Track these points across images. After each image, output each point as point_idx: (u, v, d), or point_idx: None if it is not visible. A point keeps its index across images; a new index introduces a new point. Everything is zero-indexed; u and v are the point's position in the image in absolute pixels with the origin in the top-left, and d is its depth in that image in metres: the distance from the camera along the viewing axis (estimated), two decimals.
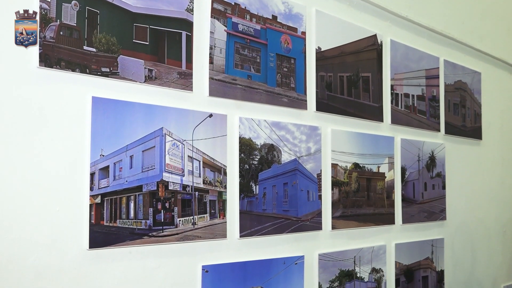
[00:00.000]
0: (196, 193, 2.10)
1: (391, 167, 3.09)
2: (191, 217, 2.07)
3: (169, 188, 2.00)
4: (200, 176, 2.11)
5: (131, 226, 1.89)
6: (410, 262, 3.20)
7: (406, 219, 3.18)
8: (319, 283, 2.58)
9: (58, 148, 1.73)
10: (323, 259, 2.60)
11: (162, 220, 1.98)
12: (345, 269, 2.73)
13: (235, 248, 2.24)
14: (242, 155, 2.27)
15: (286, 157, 2.45)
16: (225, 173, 2.20)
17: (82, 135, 1.79)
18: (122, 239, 1.86)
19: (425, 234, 3.38)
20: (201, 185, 2.12)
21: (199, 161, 2.11)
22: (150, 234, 1.94)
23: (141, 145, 1.92)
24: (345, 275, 2.73)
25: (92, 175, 1.80)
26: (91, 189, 1.79)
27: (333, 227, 2.68)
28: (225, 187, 2.20)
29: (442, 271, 3.51)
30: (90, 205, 1.79)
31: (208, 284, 2.11)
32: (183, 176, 2.05)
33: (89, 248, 1.77)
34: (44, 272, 1.69)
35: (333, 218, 2.68)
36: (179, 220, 2.03)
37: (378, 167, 3.00)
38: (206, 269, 2.11)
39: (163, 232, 1.98)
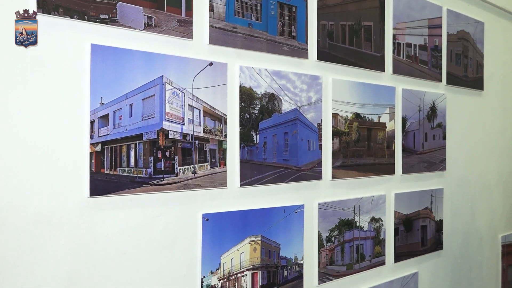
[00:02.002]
0: (197, 142, 2.10)
1: (391, 117, 3.08)
2: (192, 166, 2.07)
3: (169, 137, 2.00)
4: (200, 125, 2.11)
5: (131, 175, 1.90)
6: (409, 212, 3.22)
7: (406, 169, 3.19)
8: (318, 232, 2.60)
9: (58, 96, 1.72)
10: (323, 208, 2.62)
11: (163, 169, 1.98)
12: (345, 218, 2.75)
13: (235, 196, 2.25)
14: (243, 104, 2.25)
15: (286, 106, 2.44)
16: (225, 122, 2.20)
17: (82, 83, 1.78)
18: (122, 187, 1.87)
19: (424, 184, 3.39)
20: (202, 134, 2.11)
21: (200, 110, 2.10)
22: (150, 182, 1.95)
23: (141, 93, 1.91)
24: (344, 224, 2.75)
25: (91, 123, 1.79)
26: (91, 137, 1.79)
27: (333, 177, 2.68)
28: (226, 136, 2.20)
29: (441, 221, 3.53)
30: (90, 153, 1.79)
31: (208, 232, 2.12)
32: (183, 124, 2.05)
33: (90, 196, 1.78)
34: (45, 220, 1.70)
35: (333, 167, 2.68)
36: (180, 169, 2.03)
37: (379, 117, 2.99)
38: (206, 218, 2.12)
39: (163, 180, 1.98)
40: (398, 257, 3.15)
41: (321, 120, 2.63)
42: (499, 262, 4.31)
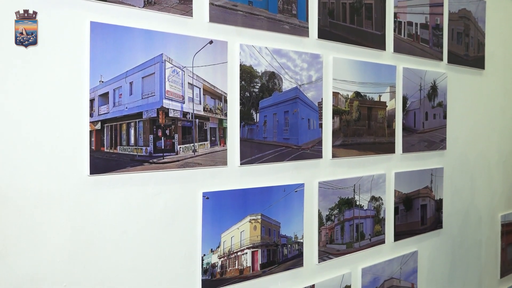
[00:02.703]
0: (197, 120, 2.09)
1: (392, 96, 3.08)
2: (192, 144, 2.07)
3: (170, 115, 1.99)
4: (200, 103, 2.10)
5: (131, 153, 1.89)
6: (409, 191, 3.23)
7: (406, 148, 3.19)
8: (318, 210, 2.60)
9: (57, 74, 1.71)
10: (323, 187, 2.62)
11: (163, 147, 1.98)
12: (345, 197, 2.76)
13: (235, 175, 2.25)
14: (243, 82, 2.25)
15: (287, 85, 2.43)
16: (225, 101, 2.19)
17: (81, 61, 1.77)
18: (122, 166, 1.86)
19: (425, 163, 3.39)
20: (202, 113, 2.11)
21: (200, 88, 2.09)
22: (150, 161, 1.94)
23: (141, 71, 1.90)
24: (344, 203, 2.75)
25: (91, 101, 1.78)
26: (91, 115, 1.78)
27: (334, 156, 2.68)
28: (226, 114, 2.20)
29: (440, 200, 3.54)
30: (90, 132, 1.78)
31: (208, 211, 2.13)
32: (183, 103, 2.04)
33: (90, 174, 1.78)
34: (45, 198, 1.70)
35: (333, 146, 2.68)
36: (180, 147, 2.03)
37: (380, 96, 2.98)
38: (206, 196, 2.12)
39: (163, 159, 1.98)
40: (398, 236, 3.16)
41: (322, 99, 2.62)
42: (498, 241, 4.32)
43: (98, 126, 1.80)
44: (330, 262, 2.70)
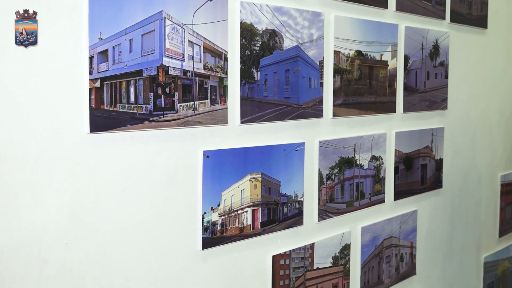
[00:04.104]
0: (197, 78, 2.08)
1: (394, 55, 3.06)
2: (192, 103, 2.06)
3: (170, 73, 1.98)
4: (200, 62, 2.08)
5: (131, 111, 1.89)
6: (409, 150, 3.23)
7: (407, 108, 3.18)
8: (319, 169, 2.61)
9: (55, 30, 1.69)
10: (323, 146, 2.62)
11: (163, 105, 1.97)
12: (345, 156, 2.76)
13: (236, 134, 2.24)
14: (243, 40, 2.23)
15: (288, 43, 2.41)
16: (226, 59, 2.17)
17: (80, 18, 1.74)
18: (122, 124, 1.86)
19: (425, 123, 3.39)
20: (202, 71, 2.09)
21: (200, 46, 2.08)
22: (150, 119, 1.94)
23: (140, 28, 1.88)
24: (345, 162, 2.76)
25: (91, 58, 1.77)
26: (90, 73, 1.77)
27: (334, 115, 2.68)
28: (226, 72, 2.18)
29: (441, 160, 3.54)
30: (90, 89, 1.77)
31: (209, 169, 2.13)
32: (184, 61, 2.03)
33: (90, 132, 1.77)
34: (46, 156, 1.69)
35: (334, 105, 2.67)
36: (180, 106, 2.02)
37: (381, 55, 2.96)
38: (207, 154, 2.12)
39: (163, 117, 1.97)
40: (398, 195, 3.17)
41: (323, 57, 2.60)
42: (498, 200, 4.34)
43: (98, 84, 1.79)
44: (330, 221, 2.72)
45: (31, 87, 1.65)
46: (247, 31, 2.23)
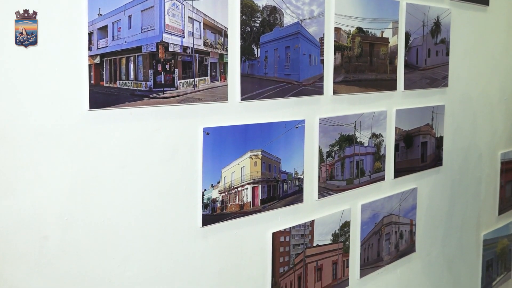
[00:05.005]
0: (197, 55, 2.07)
1: (395, 32, 3.04)
2: (192, 80, 2.05)
3: (169, 50, 1.97)
4: (200, 38, 2.07)
5: (131, 88, 1.88)
6: (410, 128, 3.22)
7: (408, 85, 3.17)
8: (319, 147, 2.61)
9: (54, 7, 1.68)
10: (323, 123, 2.61)
11: (163, 82, 1.96)
12: (345, 134, 2.76)
13: (236, 111, 2.24)
14: (244, 17, 2.21)
15: (288, 20, 2.39)
16: (226, 35, 2.16)
17: None
18: (122, 100, 1.85)
19: (426, 100, 3.38)
20: (202, 47, 2.08)
21: (200, 23, 2.06)
22: (150, 95, 1.93)
23: (140, 4, 1.87)
24: (345, 139, 2.76)
25: (90, 34, 1.75)
26: (90, 49, 1.76)
27: (335, 92, 2.67)
28: (226, 49, 2.17)
29: (441, 138, 3.54)
30: (89, 66, 1.76)
31: (209, 146, 2.13)
32: (183, 37, 2.01)
33: (90, 108, 1.77)
34: (45, 132, 1.69)
35: (334, 83, 2.66)
36: (180, 82, 2.02)
37: (382, 32, 2.94)
38: (207, 131, 2.12)
39: (163, 94, 1.97)
40: (398, 173, 3.17)
41: (323, 34, 2.59)
42: (498, 178, 4.35)
43: (97, 60, 1.78)
44: (330, 198, 2.72)
45: (30, 64, 1.64)
46: (247, 8, 2.22)
